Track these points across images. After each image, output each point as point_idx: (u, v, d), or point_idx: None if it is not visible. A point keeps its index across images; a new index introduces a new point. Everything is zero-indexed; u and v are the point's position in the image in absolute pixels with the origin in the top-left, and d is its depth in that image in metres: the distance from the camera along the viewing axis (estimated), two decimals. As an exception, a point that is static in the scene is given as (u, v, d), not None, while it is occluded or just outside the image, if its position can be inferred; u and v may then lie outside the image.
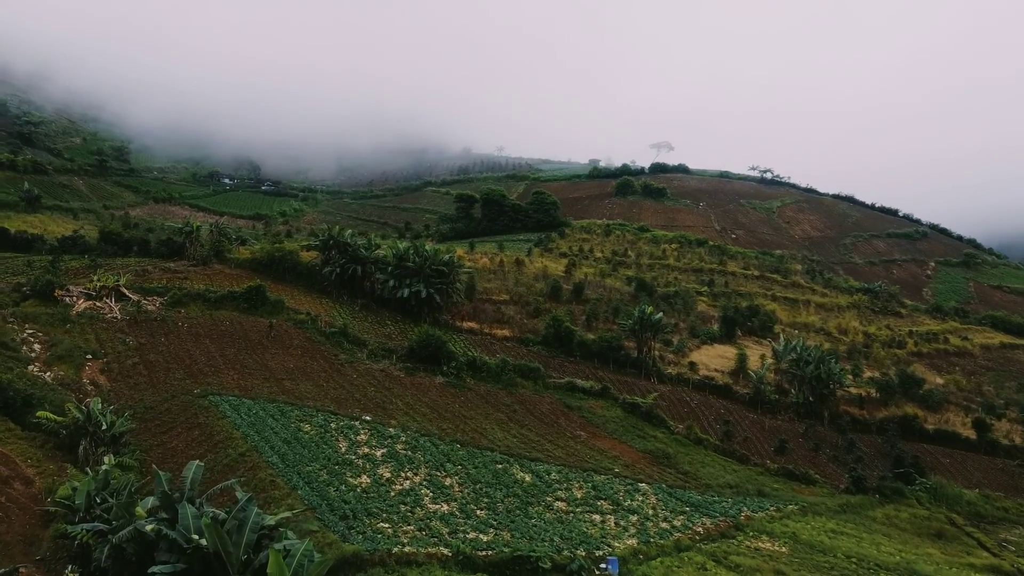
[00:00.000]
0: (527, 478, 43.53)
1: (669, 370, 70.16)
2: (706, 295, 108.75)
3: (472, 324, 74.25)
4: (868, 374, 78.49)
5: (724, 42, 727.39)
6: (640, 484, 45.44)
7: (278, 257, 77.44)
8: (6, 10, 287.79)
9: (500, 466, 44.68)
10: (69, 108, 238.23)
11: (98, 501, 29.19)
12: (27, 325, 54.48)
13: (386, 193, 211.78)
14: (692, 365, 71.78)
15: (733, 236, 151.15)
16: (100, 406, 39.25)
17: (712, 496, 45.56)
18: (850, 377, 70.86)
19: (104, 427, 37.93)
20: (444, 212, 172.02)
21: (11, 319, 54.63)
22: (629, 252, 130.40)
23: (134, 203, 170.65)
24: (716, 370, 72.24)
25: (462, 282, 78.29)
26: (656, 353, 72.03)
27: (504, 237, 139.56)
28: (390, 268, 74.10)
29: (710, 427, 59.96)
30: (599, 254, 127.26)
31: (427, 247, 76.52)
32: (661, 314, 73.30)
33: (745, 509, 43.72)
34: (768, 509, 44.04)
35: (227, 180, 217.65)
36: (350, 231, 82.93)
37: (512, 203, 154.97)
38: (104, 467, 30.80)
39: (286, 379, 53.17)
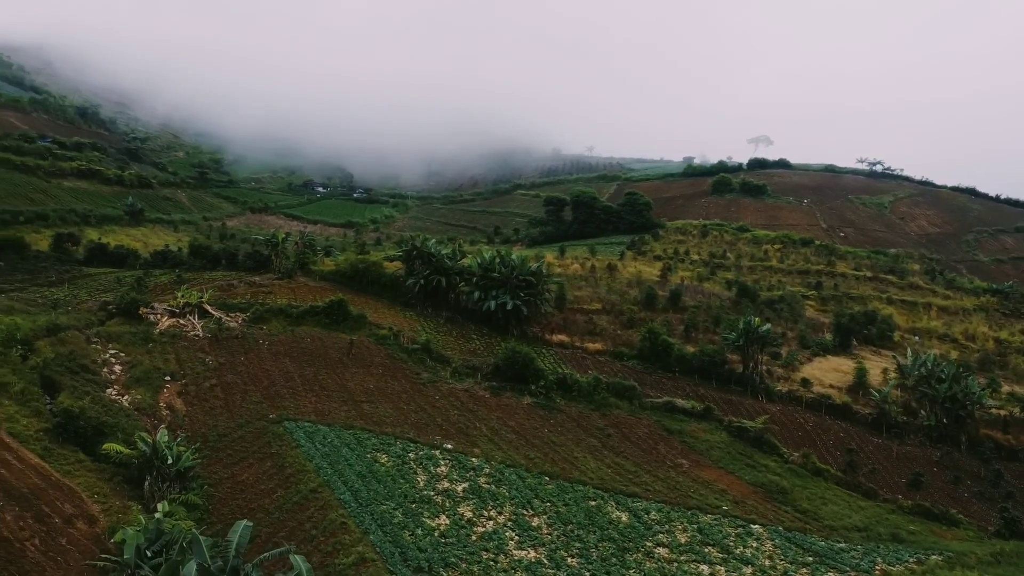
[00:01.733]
0: (624, 518, 39.00)
1: (779, 387, 63.88)
2: (814, 299, 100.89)
3: (562, 337, 70.00)
4: (1007, 388, 69.74)
5: (833, 29, 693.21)
6: (753, 526, 40.14)
7: (361, 269, 75.44)
8: (115, 32, 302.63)
9: (593, 503, 40.34)
10: (172, 122, 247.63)
11: (148, 555, 26.60)
12: (110, 345, 53.78)
13: (475, 197, 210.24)
14: (805, 381, 65.19)
15: (842, 234, 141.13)
16: (166, 439, 37.20)
17: (838, 542, 39.78)
18: (989, 395, 62.68)
19: (170, 462, 35.79)
20: (533, 215, 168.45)
21: (95, 339, 54.04)
22: (728, 254, 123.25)
23: (232, 213, 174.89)
24: (832, 386, 65.40)
25: (551, 292, 74.16)
26: (764, 368, 65.87)
27: (595, 240, 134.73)
28: (475, 279, 70.79)
29: (829, 454, 53.62)
30: (695, 256, 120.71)
31: (514, 256, 72.77)
32: (768, 325, 67.06)
33: (879, 560, 37.74)
34: (907, 560, 37.84)
35: (320, 188, 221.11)
36: (434, 240, 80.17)
37: (603, 205, 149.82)
38: (157, 515, 28.31)
39: (365, 401, 50.39)
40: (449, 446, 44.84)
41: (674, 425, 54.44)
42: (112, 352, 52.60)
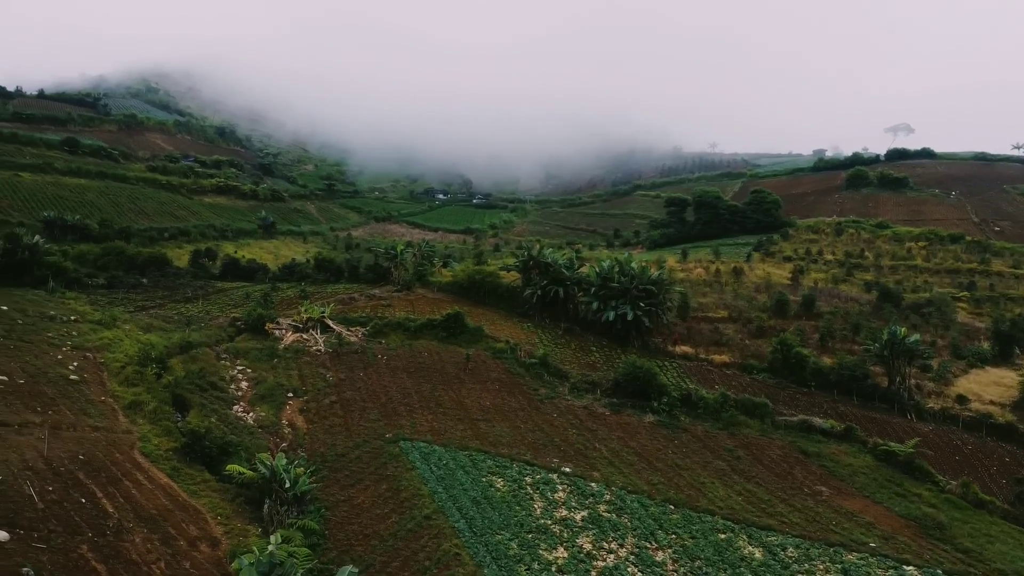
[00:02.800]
0: (757, 554, 35.83)
1: (930, 404, 57.97)
2: (966, 301, 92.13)
3: (686, 348, 66.67)
4: None
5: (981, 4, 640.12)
6: (906, 568, 35.93)
7: (478, 279, 74.94)
8: (251, 55, 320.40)
9: (723, 536, 37.35)
10: (301, 137, 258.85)
11: (261, 589, 26.28)
12: (238, 361, 55.43)
13: (594, 199, 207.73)
14: (961, 398, 58.88)
15: (996, 229, 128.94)
16: (284, 462, 37.32)
17: (1009, 590, 35.00)
18: None
19: (287, 485, 35.85)
20: (654, 217, 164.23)
21: (224, 355, 55.88)
22: (866, 253, 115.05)
23: (357, 223, 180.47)
24: (993, 403, 58.76)
25: (673, 301, 70.87)
26: (912, 382, 60.07)
27: (720, 242, 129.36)
28: (594, 289, 68.63)
29: (993, 483, 47.84)
30: (830, 257, 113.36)
31: (634, 264, 70.06)
32: (917, 335, 61.09)
33: (1062, 614, 32.83)
34: (1097, 617, 32.73)
35: (441, 195, 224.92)
36: (550, 249, 78.69)
37: (728, 204, 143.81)
38: (271, 547, 28.01)
39: (481, 419, 49.36)
40: (567, 469, 42.98)
41: (811, 447, 50.21)
42: (240, 368, 54.16)
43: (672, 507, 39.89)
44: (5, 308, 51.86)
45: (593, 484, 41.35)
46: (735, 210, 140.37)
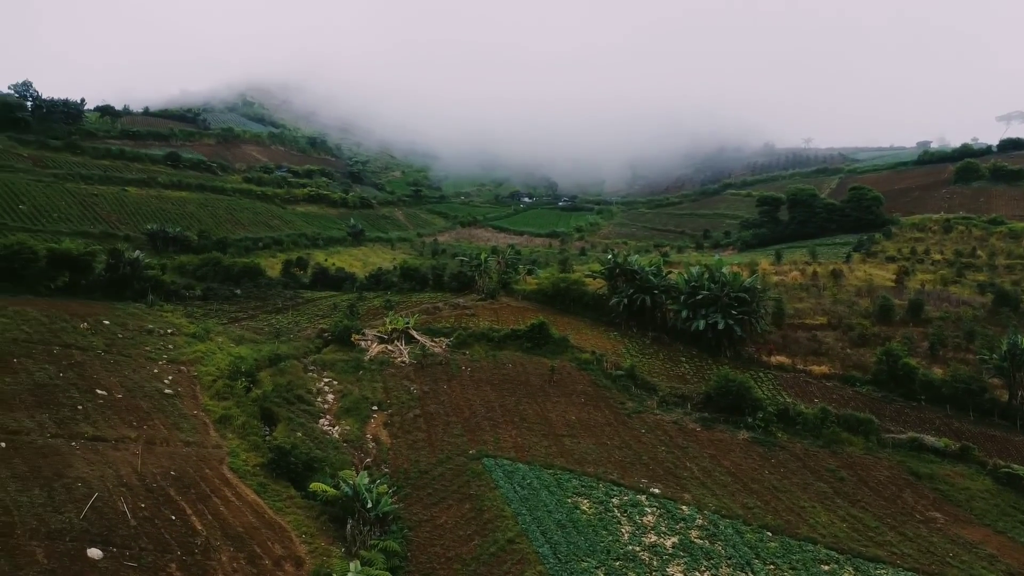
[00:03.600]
0: (865, 590, 33.20)
1: (1058, 421, 53.13)
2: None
3: (781, 358, 63.45)
4: None
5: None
6: (1037, 609, 32.60)
7: (563, 288, 73.58)
8: (340, 66, 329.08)
9: (826, 567, 34.87)
10: (388, 144, 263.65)
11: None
12: (325, 373, 55.98)
13: (682, 199, 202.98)
14: (1093, 414, 53.73)
15: None
16: (366, 481, 37.08)
17: None
18: None
19: (369, 506, 35.53)
20: (745, 216, 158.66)
21: (312, 367, 56.54)
22: (978, 252, 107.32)
23: (443, 228, 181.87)
24: None
25: (768, 308, 67.62)
26: (1036, 396, 55.19)
27: (816, 242, 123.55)
28: (683, 297, 66.20)
29: None
30: (937, 256, 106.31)
31: (724, 270, 67.24)
32: (1041, 345, 56.10)
33: None
34: None
35: (526, 199, 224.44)
36: (636, 256, 76.58)
37: (824, 202, 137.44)
38: (350, 574, 27.59)
39: (566, 435, 48.02)
40: (656, 490, 41.17)
41: (922, 468, 46.60)
42: (326, 380, 54.64)
43: (769, 534, 37.57)
44: (107, 322, 53.95)
45: (684, 507, 39.44)
46: (832, 208, 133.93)
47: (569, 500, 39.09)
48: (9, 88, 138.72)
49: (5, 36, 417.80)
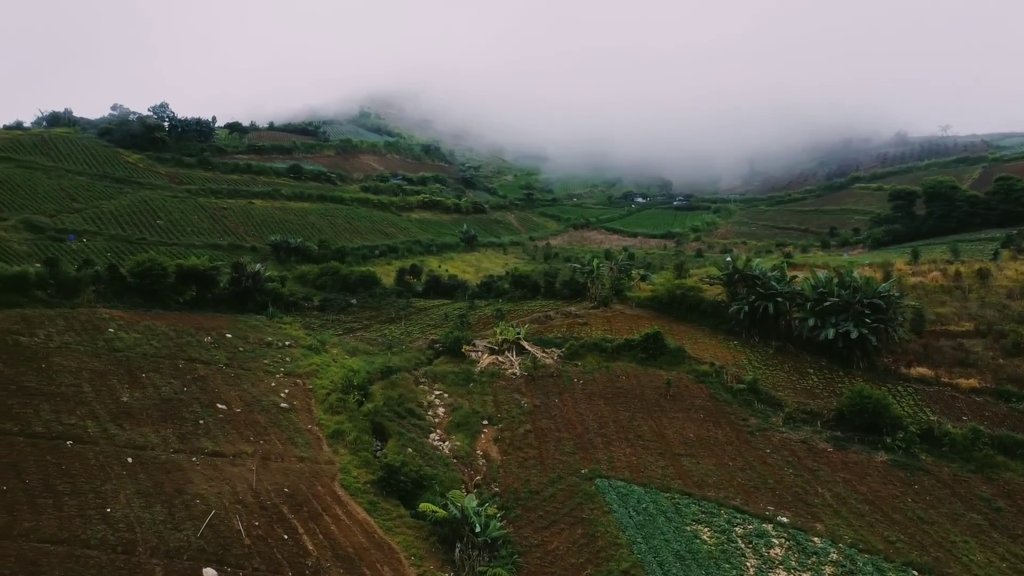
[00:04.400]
0: (1033, 644, 29.20)
1: None
2: None
3: (923, 370, 58.08)
4: None
5: None
6: None
7: (679, 294, 70.47)
8: (452, 71, 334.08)
9: (984, 616, 30.96)
10: (500, 148, 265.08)
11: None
12: (435, 386, 55.73)
13: (805, 195, 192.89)
14: None
15: None
16: (475, 503, 36.14)
17: None
18: None
19: (478, 530, 34.50)
20: (876, 212, 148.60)
21: (423, 379, 56.43)
22: None
23: (555, 232, 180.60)
24: None
25: (905, 315, 62.22)
26: None
27: (957, 238, 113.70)
28: (809, 304, 61.90)
29: None
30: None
31: (855, 274, 62.41)
32: None
33: None
34: None
35: (639, 199, 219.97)
36: (758, 260, 72.51)
37: (966, 194, 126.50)
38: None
39: (684, 454, 45.50)
40: (784, 519, 38.12)
41: (1097, 499, 41.17)
42: (437, 393, 54.35)
43: (915, 573, 33.90)
44: (230, 336, 55.78)
45: (816, 539, 36.26)
46: (975, 201, 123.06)
47: (688, 528, 36.74)
48: (148, 111, 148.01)
49: (146, 62, 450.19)
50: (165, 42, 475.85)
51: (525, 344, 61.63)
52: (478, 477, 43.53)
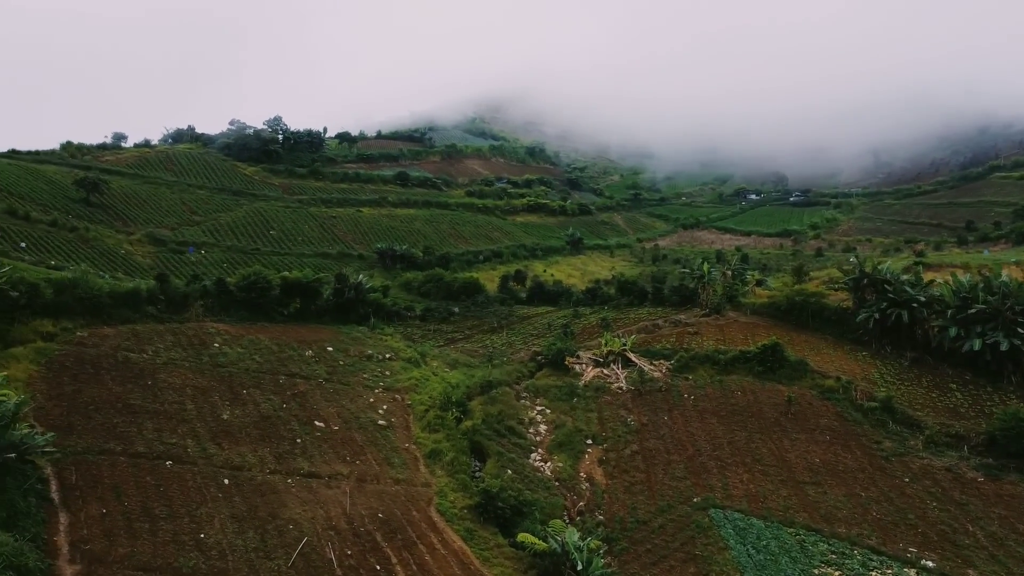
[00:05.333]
0: None
1: None
2: None
3: (1089, 386, 51.06)
4: None
5: None
6: None
7: (799, 301, 65.26)
8: (555, 73, 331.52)
9: None
10: (605, 147, 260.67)
11: None
12: (537, 401, 53.49)
13: (936, 187, 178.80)
14: None
15: None
16: (576, 537, 33.57)
17: None
18: None
19: (579, 568, 31.91)
20: (1020, 203, 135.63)
21: (524, 394, 54.31)
22: None
23: (664, 232, 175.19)
24: None
25: (1067, 322, 54.96)
26: None
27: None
28: (949, 311, 55.73)
29: None
30: None
31: (1004, 277, 55.78)
32: None
33: None
34: None
35: (752, 196, 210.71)
36: (887, 262, 66.23)
37: None
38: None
39: (809, 482, 41.31)
40: (930, 563, 33.57)
41: None
42: (539, 409, 52.08)
43: (1096, 636, 28.82)
44: (331, 349, 55.51)
45: (969, 590, 31.61)
46: None
47: (816, 571, 32.91)
48: (263, 124, 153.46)
49: (263, 78, 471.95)
50: (282, 58, 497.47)
51: (632, 356, 58.43)
52: (581, 503, 40.95)
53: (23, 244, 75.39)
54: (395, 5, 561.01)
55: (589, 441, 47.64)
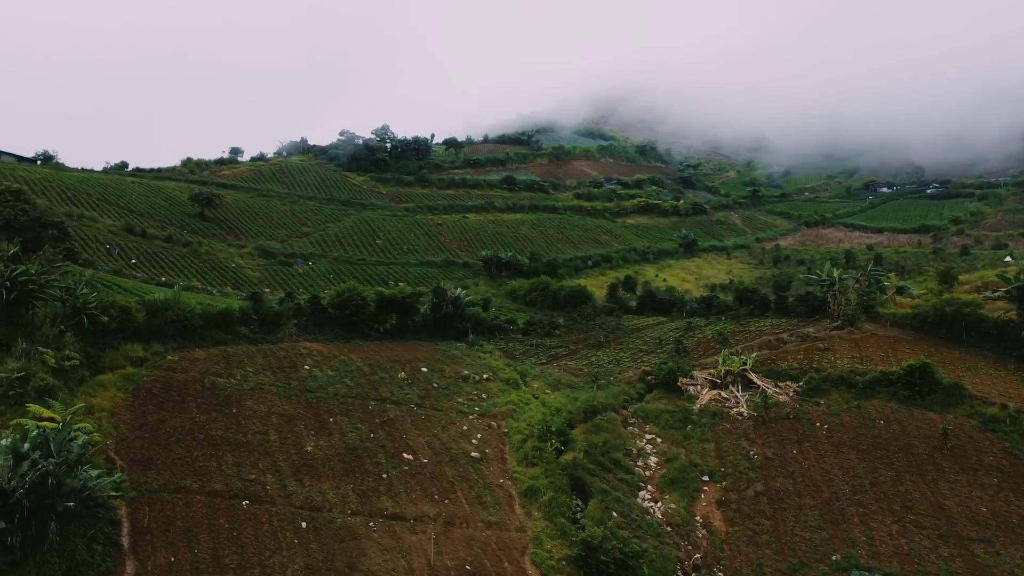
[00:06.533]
0: None
1: None
2: None
3: None
4: None
5: None
6: None
7: (949, 312, 57.04)
8: (662, 66, 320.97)
9: None
10: (720, 142, 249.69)
11: None
12: (647, 427, 48.58)
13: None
14: None
15: None
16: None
17: None
18: None
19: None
20: None
21: (632, 419, 49.51)
22: None
23: (785, 231, 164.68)
24: None
25: None
26: None
27: None
28: None
29: None
30: None
31: None
32: None
33: None
34: None
35: (884, 188, 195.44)
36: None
37: None
38: None
39: (975, 538, 34.60)
40: None
41: None
42: (648, 438, 47.17)
43: None
44: (425, 369, 52.58)
45: None
46: None
47: (995, 663, 26.60)
48: (372, 133, 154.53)
49: (376, 88, 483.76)
50: (394, 68, 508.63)
51: (753, 376, 52.42)
52: (697, 555, 35.90)
53: (134, 260, 77.04)
54: (503, 6, 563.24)
55: (706, 477, 42.38)
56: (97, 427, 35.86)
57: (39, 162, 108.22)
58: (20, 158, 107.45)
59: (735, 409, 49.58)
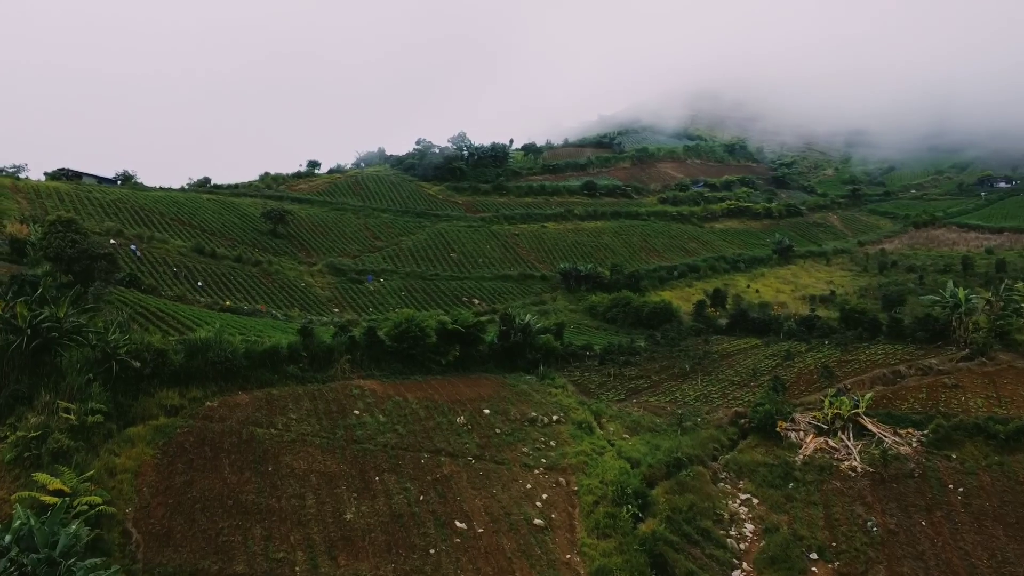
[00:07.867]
0: None
1: None
2: None
3: None
4: None
5: None
6: None
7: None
8: (747, 59, 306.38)
9: None
10: (815, 138, 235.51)
11: None
12: (740, 484, 41.95)
13: None
14: None
15: None
16: None
17: None
18: None
19: None
20: None
21: (724, 474, 42.91)
22: None
23: (890, 233, 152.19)
24: None
25: None
26: None
27: None
28: None
29: None
30: None
31: None
32: None
33: None
34: None
35: (1002, 183, 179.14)
36: None
37: None
38: None
39: None
40: None
41: None
42: (743, 498, 40.55)
43: None
44: (487, 412, 47.39)
45: None
46: None
47: None
48: (448, 141, 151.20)
49: (457, 96, 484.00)
50: (471, 76, 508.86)
51: (867, 422, 44.93)
52: None
53: (200, 283, 75.05)
54: (583, 9, 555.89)
55: (813, 555, 35.50)
56: (117, 493, 32.44)
57: (119, 183, 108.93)
58: (100, 179, 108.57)
59: (846, 463, 42.29)
